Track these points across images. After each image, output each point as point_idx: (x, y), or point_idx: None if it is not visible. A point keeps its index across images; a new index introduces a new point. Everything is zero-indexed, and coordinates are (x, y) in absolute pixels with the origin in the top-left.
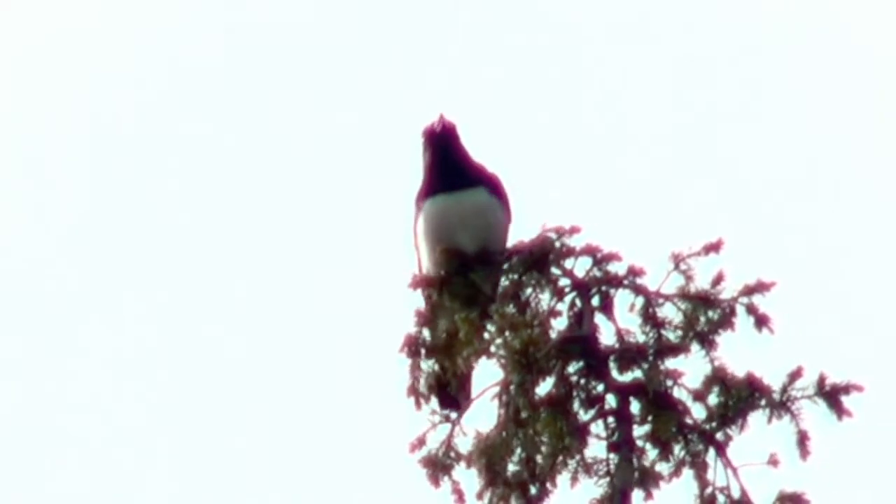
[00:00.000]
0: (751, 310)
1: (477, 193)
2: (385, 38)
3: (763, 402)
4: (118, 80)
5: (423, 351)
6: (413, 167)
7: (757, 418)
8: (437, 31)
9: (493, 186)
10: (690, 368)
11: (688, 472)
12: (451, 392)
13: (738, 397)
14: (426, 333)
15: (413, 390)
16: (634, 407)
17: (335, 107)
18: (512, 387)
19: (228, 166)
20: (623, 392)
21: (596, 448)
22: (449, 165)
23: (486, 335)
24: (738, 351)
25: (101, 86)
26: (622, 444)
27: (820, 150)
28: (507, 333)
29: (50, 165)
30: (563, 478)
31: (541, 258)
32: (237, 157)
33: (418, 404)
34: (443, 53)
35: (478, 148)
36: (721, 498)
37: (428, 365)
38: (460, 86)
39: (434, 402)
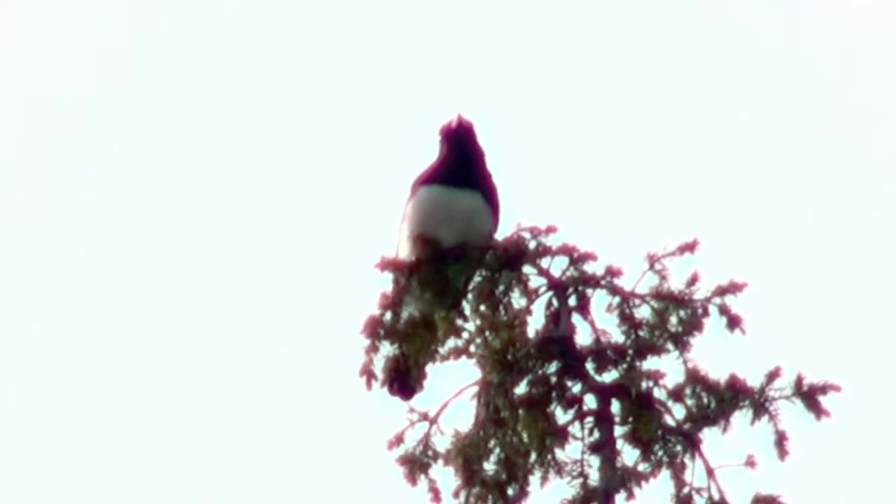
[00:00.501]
0: (723, 310)
1: (473, 197)
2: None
3: (746, 403)
4: (119, 81)
5: (381, 332)
6: (413, 165)
7: (737, 418)
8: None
9: (489, 195)
10: (666, 369)
11: (664, 473)
12: (410, 381)
13: (721, 398)
14: (388, 316)
15: (366, 370)
16: (615, 408)
17: (339, 105)
18: (491, 387)
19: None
20: (604, 393)
21: (572, 448)
22: (461, 162)
23: (461, 333)
24: (712, 352)
25: (103, 86)
26: (603, 445)
27: (795, 151)
28: (487, 333)
29: (50, 165)
30: (534, 477)
31: (515, 256)
32: (240, 156)
33: (369, 385)
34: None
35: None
36: (698, 499)
37: (388, 349)
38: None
39: (387, 385)
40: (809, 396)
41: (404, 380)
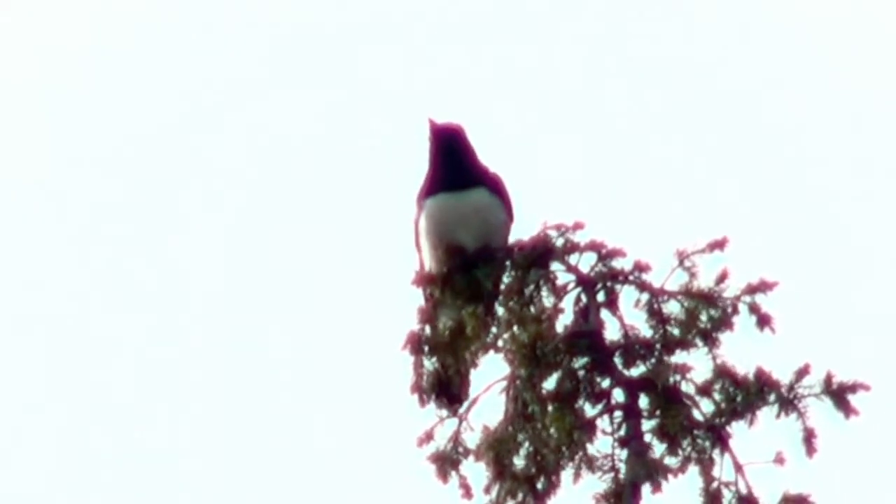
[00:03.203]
0: (753, 309)
1: (478, 193)
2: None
3: (772, 398)
4: (122, 82)
5: (425, 348)
6: (414, 166)
7: (765, 414)
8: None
9: (494, 186)
10: (695, 364)
11: (693, 469)
12: (453, 390)
13: (748, 392)
14: (428, 330)
15: (417, 387)
16: (643, 402)
17: (337, 105)
18: (519, 381)
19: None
20: (631, 387)
21: (599, 443)
22: (451, 165)
23: (492, 330)
24: (741, 350)
25: (106, 87)
26: (631, 439)
27: (825, 149)
28: (515, 328)
29: (52, 165)
30: (566, 473)
31: (543, 254)
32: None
33: (422, 401)
34: (443, 51)
35: (481, 147)
36: (727, 493)
37: (430, 362)
38: (461, 84)
39: (434, 398)
40: (839, 395)
41: (448, 389)
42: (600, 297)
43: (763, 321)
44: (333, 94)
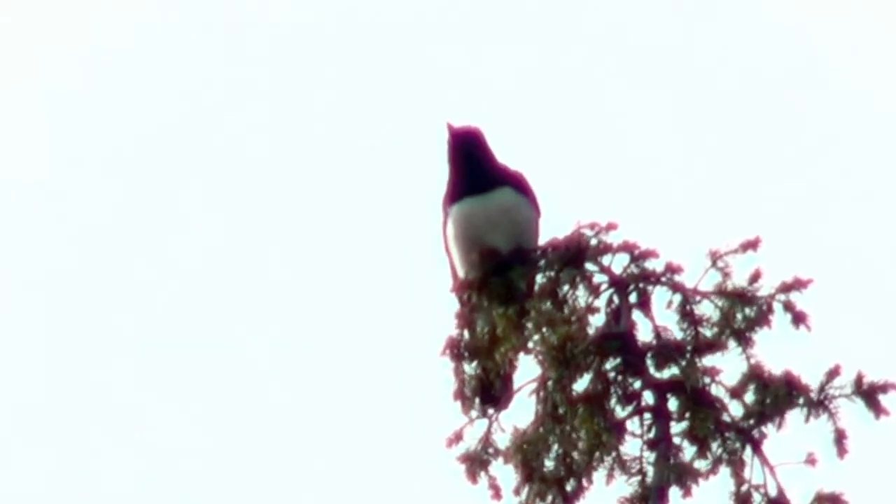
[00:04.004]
0: (788, 307)
1: (503, 193)
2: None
3: (801, 401)
4: (122, 82)
5: (465, 353)
6: (435, 169)
7: (795, 416)
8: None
9: (518, 184)
10: (727, 366)
11: (724, 470)
12: (494, 393)
13: (776, 395)
14: (467, 335)
15: (460, 393)
16: (672, 404)
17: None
18: (549, 383)
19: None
20: (661, 389)
21: (632, 445)
22: (473, 168)
23: (524, 331)
24: (775, 348)
25: (106, 87)
26: (660, 441)
27: (859, 146)
28: (544, 329)
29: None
30: (599, 474)
31: (576, 255)
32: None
33: (465, 408)
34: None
35: (512, 147)
36: (756, 496)
37: (471, 368)
38: (490, 83)
39: (478, 403)
40: (869, 395)
41: (490, 393)
42: (632, 298)
43: (798, 319)
44: (338, 95)
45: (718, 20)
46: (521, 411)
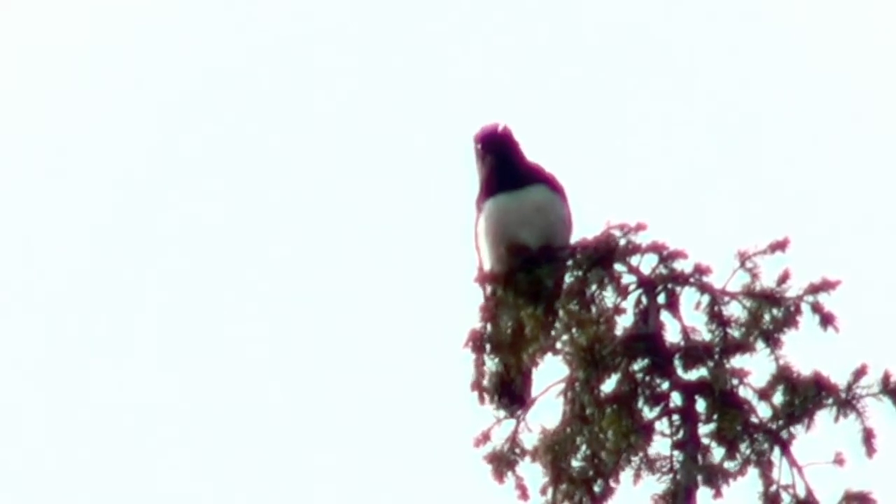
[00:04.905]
0: (816, 308)
1: (537, 190)
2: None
3: (830, 401)
4: (122, 81)
5: (487, 346)
6: (458, 168)
7: (823, 417)
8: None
9: (550, 182)
10: (755, 367)
11: (753, 471)
12: (515, 390)
13: (805, 396)
14: (490, 329)
15: (478, 385)
16: (700, 405)
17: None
18: (577, 383)
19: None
20: (688, 390)
21: (660, 445)
22: (507, 167)
23: (552, 331)
24: (803, 349)
25: (106, 87)
26: (687, 442)
27: (889, 146)
28: (573, 330)
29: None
30: (626, 475)
31: (605, 255)
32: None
33: (482, 399)
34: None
35: (538, 146)
36: (785, 496)
37: (492, 362)
38: (517, 83)
39: (497, 399)
40: None
41: (510, 390)
42: (661, 298)
43: (826, 320)
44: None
45: (751, 14)
46: (549, 411)
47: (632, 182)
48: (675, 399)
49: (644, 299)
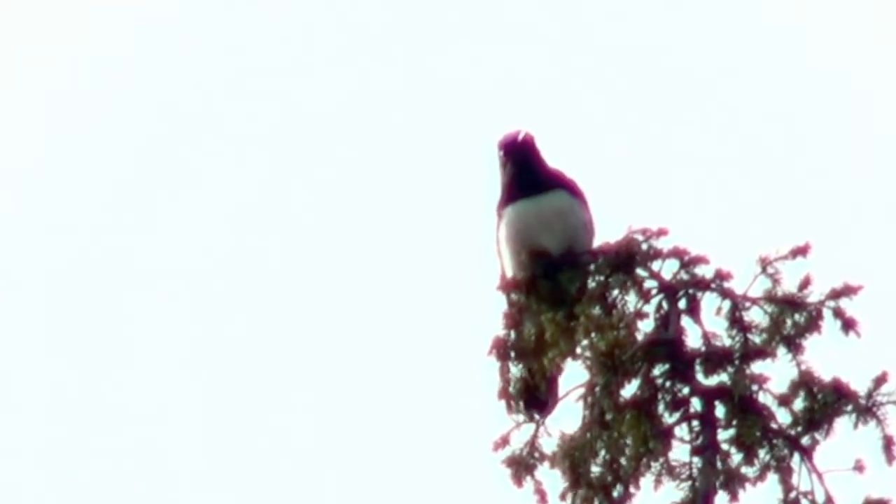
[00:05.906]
0: (837, 313)
1: (556, 195)
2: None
3: (849, 408)
4: (122, 81)
5: (512, 354)
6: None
7: (843, 423)
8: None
9: (571, 187)
10: (776, 372)
11: (772, 477)
12: (540, 396)
13: (825, 402)
14: (514, 336)
15: (505, 393)
16: (719, 411)
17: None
18: (597, 388)
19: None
20: (708, 396)
21: (680, 451)
22: (527, 174)
23: (573, 337)
24: (825, 354)
25: (106, 87)
26: (706, 448)
27: None
28: (593, 335)
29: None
30: (646, 480)
31: (627, 260)
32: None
33: (510, 407)
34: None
35: (561, 152)
36: (805, 502)
37: (517, 369)
38: (540, 88)
39: (522, 406)
40: None
41: (534, 396)
42: (682, 304)
43: (848, 325)
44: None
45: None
46: (569, 416)
47: (654, 187)
48: (695, 404)
49: (665, 304)
